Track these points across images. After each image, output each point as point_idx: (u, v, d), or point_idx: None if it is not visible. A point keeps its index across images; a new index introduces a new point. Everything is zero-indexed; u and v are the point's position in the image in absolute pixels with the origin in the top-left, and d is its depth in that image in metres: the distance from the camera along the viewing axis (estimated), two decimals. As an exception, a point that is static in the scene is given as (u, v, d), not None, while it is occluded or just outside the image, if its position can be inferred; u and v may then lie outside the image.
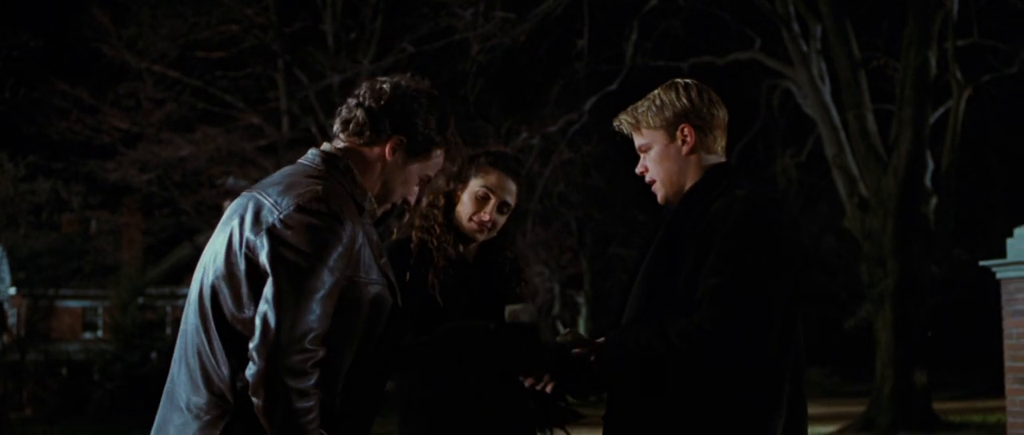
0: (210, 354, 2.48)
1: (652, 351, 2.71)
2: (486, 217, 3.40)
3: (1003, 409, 7.73)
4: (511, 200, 3.45)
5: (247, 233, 2.48)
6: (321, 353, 2.41)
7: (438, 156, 2.74)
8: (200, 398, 2.49)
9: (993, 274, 7.37)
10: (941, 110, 17.20)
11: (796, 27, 17.21)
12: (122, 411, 23.67)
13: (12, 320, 29.19)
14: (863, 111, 16.54)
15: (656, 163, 2.99)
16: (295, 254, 2.41)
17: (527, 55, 21.73)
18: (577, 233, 30.41)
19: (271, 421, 2.39)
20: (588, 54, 19.89)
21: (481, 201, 3.40)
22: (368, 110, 2.64)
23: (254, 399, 2.39)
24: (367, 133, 2.64)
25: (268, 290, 2.40)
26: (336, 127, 2.69)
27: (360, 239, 2.52)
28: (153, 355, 25.15)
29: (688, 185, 2.95)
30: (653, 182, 3.02)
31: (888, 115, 17.31)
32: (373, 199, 2.66)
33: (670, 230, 2.90)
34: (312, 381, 2.39)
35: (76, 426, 22.45)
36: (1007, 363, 7.27)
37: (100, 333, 30.53)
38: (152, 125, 22.15)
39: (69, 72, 22.88)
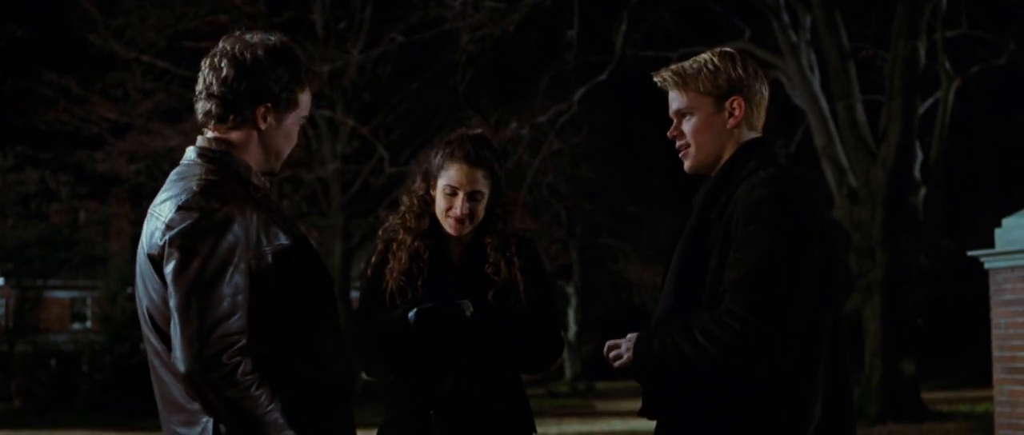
0: (176, 375, 2.50)
1: (679, 352, 2.68)
2: (457, 212, 3.30)
3: (991, 399, 7.76)
4: (482, 188, 3.31)
5: (149, 251, 2.53)
6: (239, 340, 2.43)
7: (306, 96, 2.69)
8: (183, 414, 2.54)
9: (981, 264, 7.39)
10: (930, 101, 17.23)
11: (785, 17, 17.22)
12: (111, 402, 23.61)
13: (0, 311, 29.12)
14: (852, 102, 16.56)
15: (697, 131, 2.85)
16: (182, 255, 2.44)
17: (517, 45, 21.71)
18: (566, 224, 30.43)
19: (218, 417, 2.45)
20: (578, 45, 19.86)
21: (450, 198, 3.31)
22: (222, 97, 2.59)
23: (197, 405, 2.46)
24: (231, 117, 2.61)
25: (170, 296, 2.45)
26: (200, 120, 2.67)
27: (251, 217, 2.51)
28: (142, 346, 25.07)
29: (723, 159, 2.85)
30: (685, 147, 2.88)
31: (877, 106, 17.33)
32: (259, 174, 2.65)
33: (700, 214, 2.82)
34: (235, 369, 2.41)
35: (65, 417, 22.40)
36: (995, 353, 7.30)
37: (89, 324, 30.48)
38: (141, 115, 22.08)
39: (57, 62, 22.80)
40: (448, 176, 3.31)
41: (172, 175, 2.62)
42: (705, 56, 2.89)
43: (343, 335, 2.72)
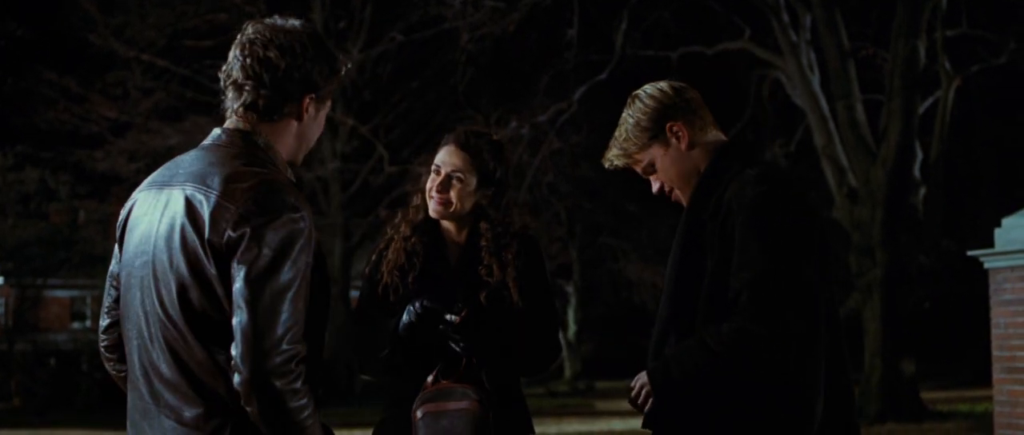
0: (197, 364, 2.40)
1: (700, 369, 2.67)
2: (434, 186, 3.30)
3: (991, 398, 7.76)
4: (463, 173, 3.29)
5: (209, 235, 2.36)
6: (304, 350, 2.36)
7: (337, 83, 2.63)
8: (196, 409, 2.41)
9: (981, 264, 7.39)
10: (930, 100, 17.23)
11: (785, 17, 17.22)
12: (111, 401, 23.61)
13: (0, 310, 29.11)
14: (852, 101, 16.56)
15: (666, 173, 2.93)
16: (264, 253, 2.33)
17: (517, 44, 21.72)
18: (566, 223, 30.43)
19: (271, 427, 2.34)
20: (578, 44, 19.86)
21: (433, 175, 3.33)
22: (275, 87, 2.47)
23: (248, 408, 2.35)
24: (284, 108, 2.50)
25: (241, 294, 2.32)
26: (236, 107, 2.50)
27: (313, 224, 2.45)
28: (142, 345, 25.07)
29: (702, 167, 2.90)
30: (672, 190, 2.95)
31: (877, 105, 17.33)
32: (290, 170, 2.56)
33: (690, 221, 2.85)
34: (300, 379, 2.35)
35: (65, 417, 22.41)
36: (994, 353, 7.30)
37: (89, 323, 30.46)
38: (141, 114, 22.09)
39: (57, 61, 22.80)
40: (438, 155, 3.35)
41: (216, 155, 2.45)
42: (623, 117, 2.95)
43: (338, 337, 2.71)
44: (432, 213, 3.34)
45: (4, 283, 28.30)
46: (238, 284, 2.33)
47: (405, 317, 3.22)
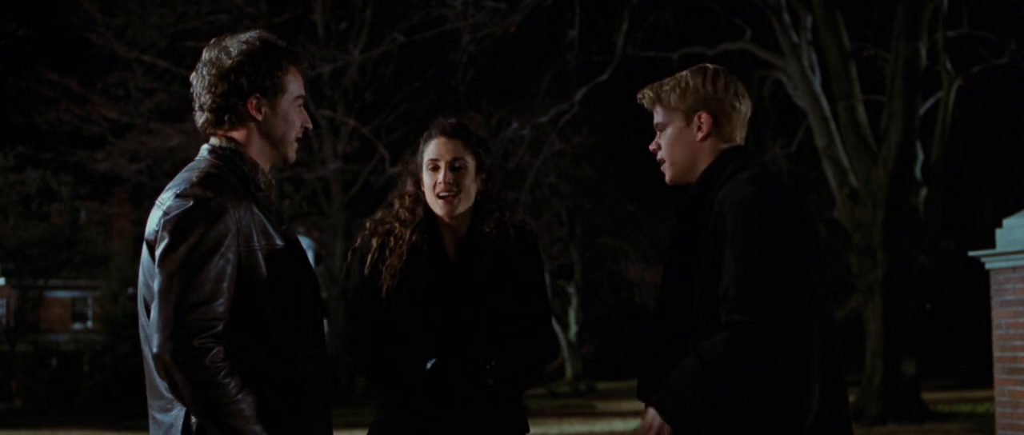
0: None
1: (704, 388, 2.72)
2: (442, 183, 3.30)
3: (992, 399, 7.76)
4: (463, 158, 3.30)
5: (148, 237, 2.61)
6: (215, 326, 2.48)
7: (293, 77, 2.76)
8: (161, 401, 2.59)
9: (982, 265, 7.39)
10: (931, 101, 17.22)
11: (786, 17, 17.22)
12: (112, 402, 23.64)
13: (1, 311, 29.13)
14: (853, 102, 16.56)
15: (669, 144, 2.98)
16: (172, 238, 2.51)
17: (518, 45, 21.72)
18: (567, 223, 30.44)
19: (180, 399, 2.49)
20: (579, 44, 19.86)
21: (433, 173, 3.31)
22: (212, 104, 2.70)
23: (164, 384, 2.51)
24: (228, 118, 2.70)
25: (154, 282, 2.52)
26: (201, 130, 2.76)
27: (246, 212, 2.59)
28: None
29: (701, 168, 2.95)
30: (663, 161, 3.02)
31: (878, 106, 17.33)
32: (266, 173, 2.74)
33: (684, 221, 2.91)
34: (205, 354, 2.45)
35: (66, 417, 22.41)
36: (995, 353, 7.29)
37: (90, 324, 30.48)
38: (141, 115, 22.10)
39: (58, 62, 22.83)
40: (429, 152, 3.33)
41: (185, 168, 2.71)
42: (682, 73, 3.00)
43: (325, 341, 2.75)
44: (441, 213, 3.32)
45: (5, 283, 28.33)
46: (155, 270, 2.53)
47: (427, 373, 3.23)
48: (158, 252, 2.52)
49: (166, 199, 2.59)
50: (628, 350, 38.79)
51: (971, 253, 7.53)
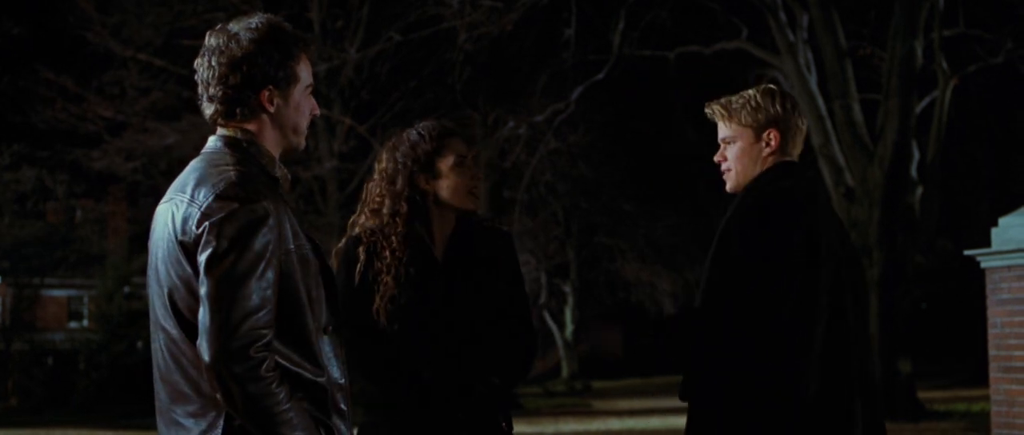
0: (189, 362, 2.54)
1: (715, 389, 3.01)
2: (474, 183, 3.38)
3: (987, 398, 7.77)
4: (475, 160, 3.47)
5: (180, 237, 2.53)
6: (267, 336, 2.46)
7: (304, 65, 2.72)
8: (192, 406, 2.55)
9: (978, 263, 7.40)
10: (927, 100, 17.24)
11: (783, 16, 17.23)
12: (108, 401, 23.60)
13: (-3, 309, 29.09)
14: (849, 101, 16.57)
15: (737, 158, 3.25)
16: (221, 244, 2.46)
17: (514, 44, 21.70)
18: (564, 222, 30.43)
19: (234, 409, 2.46)
20: (575, 43, 19.86)
21: (465, 170, 3.36)
22: (223, 96, 2.63)
23: (217, 396, 2.46)
24: (239, 111, 2.64)
25: (202, 285, 2.46)
26: (209, 120, 2.69)
27: (283, 214, 2.56)
28: (139, 344, 25.08)
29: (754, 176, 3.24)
30: (728, 171, 3.28)
31: (874, 105, 17.35)
32: (281, 165, 2.69)
33: (725, 225, 3.14)
34: (260, 364, 2.43)
35: (62, 416, 22.39)
36: (991, 352, 7.30)
37: (86, 322, 30.42)
38: (137, 113, 22.07)
39: (54, 60, 22.78)
40: (456, 149, 3.37)
41: (197, 162, 2.64)
42: (750, 92, 3.29)
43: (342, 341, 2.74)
44: (471, 205, 3.38)
45: (1, 282, 28.28)
46: (200, 277, 2.47)
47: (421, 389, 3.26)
48: (204, 257, 2.46)
49: (203, 199, 2.51)
50: (624, 349, 38.79)
51: (967, 252, 7.55)
